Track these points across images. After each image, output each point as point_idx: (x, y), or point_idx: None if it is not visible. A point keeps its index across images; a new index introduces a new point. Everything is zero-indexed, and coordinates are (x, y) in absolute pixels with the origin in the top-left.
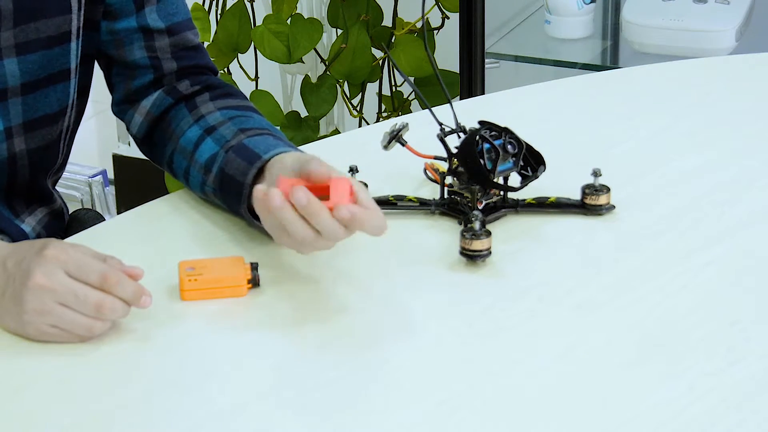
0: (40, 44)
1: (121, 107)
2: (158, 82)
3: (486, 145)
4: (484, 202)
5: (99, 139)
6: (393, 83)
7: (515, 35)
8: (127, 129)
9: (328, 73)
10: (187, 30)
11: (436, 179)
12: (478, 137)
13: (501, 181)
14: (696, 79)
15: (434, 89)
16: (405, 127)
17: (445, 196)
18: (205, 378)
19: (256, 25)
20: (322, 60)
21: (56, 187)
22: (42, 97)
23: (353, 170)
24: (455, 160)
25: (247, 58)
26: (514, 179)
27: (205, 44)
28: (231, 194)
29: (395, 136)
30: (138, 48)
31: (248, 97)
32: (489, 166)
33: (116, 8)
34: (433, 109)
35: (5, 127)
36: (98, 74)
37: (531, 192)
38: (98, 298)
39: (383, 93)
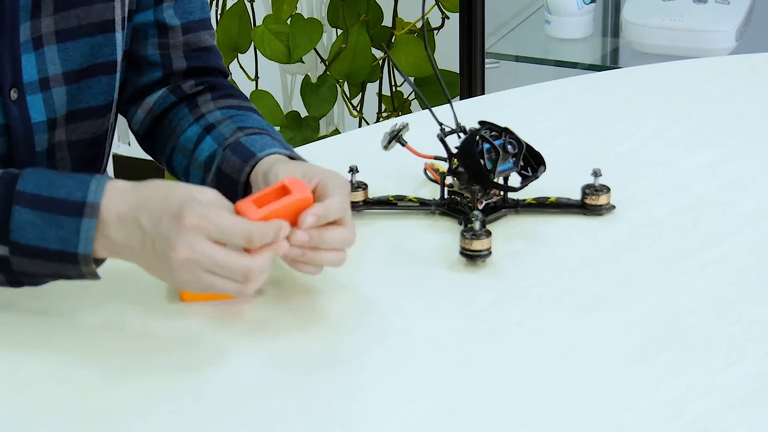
0: (81, 32)
1: (127, 105)
2: (165, 80)
3: (486, 145)
4: (484, 202)
5: None
6: (393, 83)
7: (515, 35)
8: (129, 125)
9: (328, 73)
10: (202, 30)
11: (436, 179)
12: (478, 137)
13: (501, 181)
14: (696, 79)
15: (434, 89)
16: (405, 127)
17: (445, 196)
18: (204, 378)
19: (256, 25)
20: (322, 60)
21: None
22: (86, 87)
23: (353, 170)
24: (455, 160)
25: (247, 58)
26: (514, 179)
27: None
28: (227, 193)
29: (395, 136)
30: (151, 44)
31: (248, 98)
32: (489, 166)
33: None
34: (433, 109)
35: (48, 118)
36: None
37: (531, 192)
38: (243, 266)
39: (383, 93)
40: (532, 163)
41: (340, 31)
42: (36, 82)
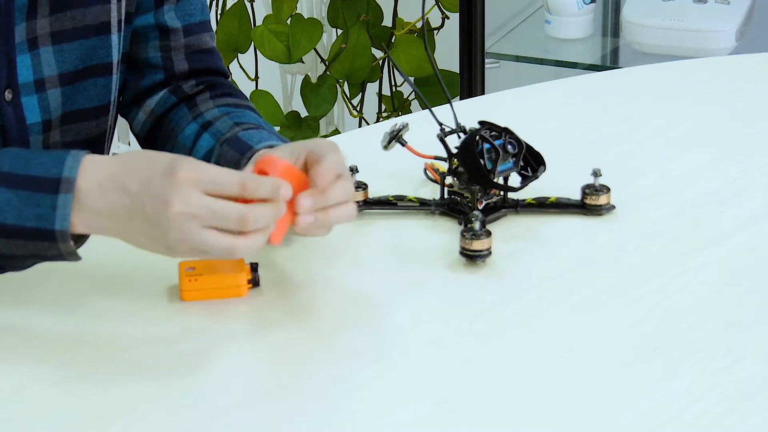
0: (76, 33)
1: (128, 107)
2: (167, 82)
3: (486, 145)
4: (484, 202)
5: None
6: (393, 83)
7: (515, 35)
8: (130, 127)
9: (328, 73)
10: (203, 32)
11: (436, 179)
12: (478, 137)
13: (501, 181)
14: (696, 79)
15: (434, 89)
16: (405, 127)
17: (445, 196)
18: (204, 378)
19: (256, 25)
20: (322, 60)
21: None
22: (81, 89)
23: (353, 170)
24: (455, 160)
25: (247, 58)
26: (514, 179)
27: None
28: None
29: (395, 136)
30: (152, 47)
31: (248, 97)
32: (489, 166)
33: (138, 2)
34: (433, 109)
35: (43, 120)
36: None
37: (531, 192)
38: (240, 212)
39: (383, 93)
40: (532, 163)
41: (340, 31)
42: (31, 83)
